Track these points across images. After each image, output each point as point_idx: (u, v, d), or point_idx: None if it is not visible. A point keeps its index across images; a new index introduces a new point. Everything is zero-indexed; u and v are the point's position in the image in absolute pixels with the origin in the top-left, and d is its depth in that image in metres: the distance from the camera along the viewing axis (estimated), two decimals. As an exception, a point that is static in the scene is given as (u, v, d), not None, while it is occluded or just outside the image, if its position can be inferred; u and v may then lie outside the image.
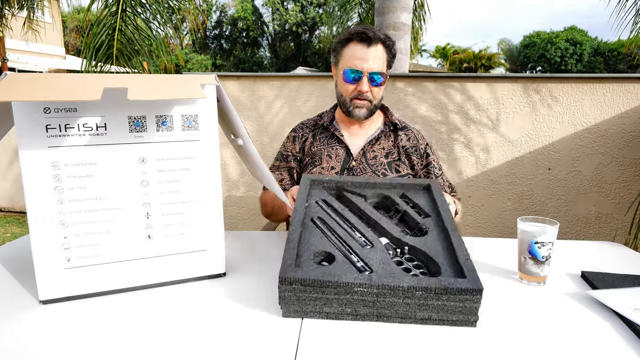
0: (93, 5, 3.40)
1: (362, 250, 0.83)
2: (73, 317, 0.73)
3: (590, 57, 22.85)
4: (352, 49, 1.26)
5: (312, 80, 2.76)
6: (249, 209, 2.93)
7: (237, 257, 1.00)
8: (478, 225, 2.75)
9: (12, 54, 9.38)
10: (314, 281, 0.71)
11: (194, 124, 0.81)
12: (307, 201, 0.99)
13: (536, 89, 2.57)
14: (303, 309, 0.72)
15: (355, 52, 1.25)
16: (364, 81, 1.26)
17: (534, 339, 0.68)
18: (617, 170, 2.57)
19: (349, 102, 1.30)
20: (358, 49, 1.25)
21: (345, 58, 1.28)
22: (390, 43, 1.29)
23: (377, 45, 1.25)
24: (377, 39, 1.25)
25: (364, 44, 1.25)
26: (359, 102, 1.29)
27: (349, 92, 1.29)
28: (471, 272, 0.73)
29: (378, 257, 0.80)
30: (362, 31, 1.25)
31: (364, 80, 1.26)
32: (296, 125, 1.45)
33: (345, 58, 1.28)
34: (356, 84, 1.27)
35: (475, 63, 23.72)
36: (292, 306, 0.72)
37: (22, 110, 0.70)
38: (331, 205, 0.99)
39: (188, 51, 21.35)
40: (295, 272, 0.72)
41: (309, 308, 0.72)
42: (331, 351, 0.64)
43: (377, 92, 1.30)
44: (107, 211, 0.78)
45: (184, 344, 0.65)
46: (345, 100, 1.31)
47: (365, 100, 1.29)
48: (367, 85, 1.26)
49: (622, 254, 1.11)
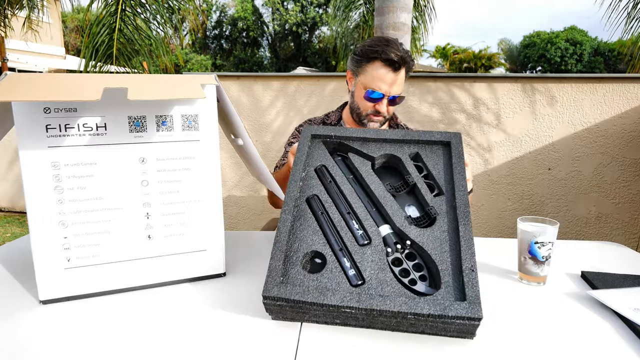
0: (93, 5, 3.40)
1: (357, 250, 0.77)
2: (73, 317, 0.73)
3: (590, 57, 22.85)
4: (377, 70, 1.27)
5: (312, 80, 2.76)
6: (249, 209, 2.93)
7: (237, 257, 1.00)
8: (478, 225, 2.75)
9: (12, 54, 9.38)
10: (298, 302, 0.69)
11: (194, 124, 0.81)
12: (304, 169, 0.88)
13: (536, 89, 2.57)
14: (290, 317, 0.72)
15: (380, 75, 1.26)
16: (384, 103, 1.29)
17: (534, 339, 0.68)
18: (617, 170, 2.57)
19: (365, 116, 1.34)
20: (384, 72, 1.26)
21: (369, 77, 1.29)
22: (412, 63, 1.31)
23: (402, 69, 1.28)
24: (403, 62, 1.26)
25: (390, 68, 1.26)
26: (375, 117, 1.33)
27: (367, 108, 1.32)
28: (473, 292, 0.67)
29: (374, 260, 0.75)
30: (391, 57, 1.24)
31: (384, 102, 1.29)
32: (303, 122, 1.47)
33: (368, 76, 1.29)
34: (375, 102, 1.30)
35: (475, 63, 23.73)
36: (280, 315, 0.72)
37: (22, 110, 0.70)
38: (332, 176, 0.87)
39: (188, 51, 21.36)
40: (279, 288, 0.70)
41: (298, 317, 0.72)
42: (331, 351, 0.64)
43: (392, 110, 1.35)
44: (107, 211, 0.78)
45: (184, 344, 0.65)
46: (361, 113, 1.34)
47: (380, 117, 1.33)
48: (386, 107, 1.30)
49: (622, 254, 1.11)
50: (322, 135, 0.93)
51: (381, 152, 0.90)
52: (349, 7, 6.26)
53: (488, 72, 17.97)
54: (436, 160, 0.89)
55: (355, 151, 0.91)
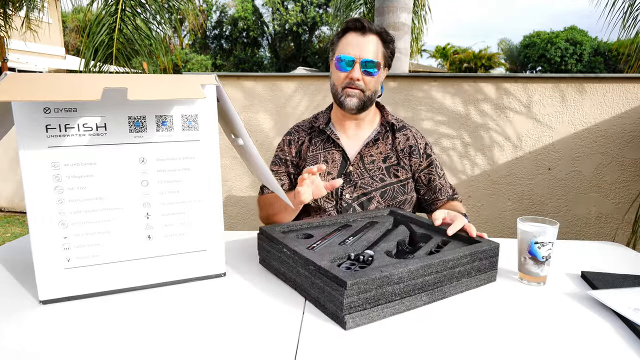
0: (93, 5, 3.40)
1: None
2: (73, 317, 0.73)
3: (590, 57, 22.85)
4: (346, 38, 1.26)
5: (312, 80, 2.76)
6: (249, 209, 2.93)
7: (237, 257, 1.00)
8: (478, 226, 2.75)
9: (12, 54, 9.37)
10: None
11: (194, 124, 0.81)
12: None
13: (536, 89, 2.57)
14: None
15: (349, 40, 1.25)
16: (356, 68, 1.23)
17: (534, 339, 0.68)
18: (617, 170, 2.57)
19: (341, 91, 1.26)
20: (352, 36, 1.25)
21: (340, 47, 1.27)
22: (388, 38, 1.28)
23: (371, 35, 1.24)
24: (372, 29, 1.24)
25: (358, 33, 1.24)
26: (351, 90, 1.25)
27: (341, 80, 1.26)
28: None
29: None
30: (357, 19, 1.24)
31: (356, 67, 1.23)
32: (291, 127, 1.41)
33: (339, 47, 1.27)
34: (348, 71, 1.24)
35: (475, 63, 23.73)
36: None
37: (22, 110, 0.70)
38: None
39: (188, 51, 21.36)
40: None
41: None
42: (330, 350, 0.64)
43: (370, 82, 1.25)
44: (107, 211, 0.78)
45: (184, 344, 0.65)
46: (337, 89, 1.27)
47: (357, 90, 1.25)
48: (359, 72, 1.23)
49: (622, 254, 1.11)
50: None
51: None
52: (349, 7, 6.27)
53: (488, 72, 17.97)
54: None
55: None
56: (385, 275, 0.71)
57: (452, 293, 0.82)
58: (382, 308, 0.72)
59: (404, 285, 0.73)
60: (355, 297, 0.68)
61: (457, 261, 0.80)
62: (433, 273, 0.77)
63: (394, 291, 0.72)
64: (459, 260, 0.81)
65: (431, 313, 0.75)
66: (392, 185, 1.29)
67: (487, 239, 0.93)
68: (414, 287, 0.75)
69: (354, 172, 1.29)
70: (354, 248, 0.88)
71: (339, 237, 0.96)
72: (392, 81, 2.63)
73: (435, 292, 0.79)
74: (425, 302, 0.78)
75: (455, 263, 0.80)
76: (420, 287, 0.76)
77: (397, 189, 1.29)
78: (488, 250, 0.87)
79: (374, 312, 0.71)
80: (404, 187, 1.30)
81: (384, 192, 1.28)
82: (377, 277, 0.70)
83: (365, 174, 1.29)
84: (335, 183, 1.06)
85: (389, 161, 1.31)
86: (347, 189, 1.28)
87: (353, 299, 0.68)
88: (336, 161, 1.31)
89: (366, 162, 1.30)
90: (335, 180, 1.07)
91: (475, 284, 0.86)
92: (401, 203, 1.29)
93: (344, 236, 0.96)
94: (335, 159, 1.31)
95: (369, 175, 1.29)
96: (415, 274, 0.75)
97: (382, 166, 1.30)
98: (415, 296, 0.76)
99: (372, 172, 1.29)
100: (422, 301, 0.77)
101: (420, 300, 0.77)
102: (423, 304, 0.77)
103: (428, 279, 0.77)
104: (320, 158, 1.32)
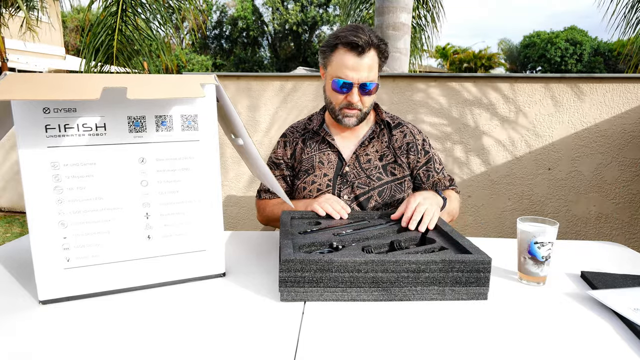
0: (93, 5, 3.40)
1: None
2: (73, 317, 0.73)
3: (590, 57, 22.86)
4: (341, 57, 1.18)
5: (312, 80, 2.76)
6: (249, 209, 2.93)
7: (237, 257, 1.00)
8: (478, 226, 2.75)
9: (12, 54, 9.38)
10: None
11: (193, 124, 0.81)
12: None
13: (536, 89, 2.57)
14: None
15: (345, 61, 1.17)
16: (354, 92, 1.19)
17: (534, 339, 0.67)
18: (617, 170, 2.57)
19: (339, 111, 1.25)
20: (348, 58, 1.17)
21: (335, 66, 1.20)
22: (384, 46, 1.21)
23: (369, 53, 1.17)
24: (369, 44, 1.17)
25: (353, 53, 1.16)
26: (349, 111, 1.23)
27: (339, 102, 1.23)
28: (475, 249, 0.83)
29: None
30: (351, 40, 1.15)
31: (354, 91, 1.19)
32: (286, 129, 1.40)
33: (334, 66, 1.20)
34: (346, 94, 1.21)
35: (475, 63, 23.73)
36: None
37: (21, 110, 0.70)
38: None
39: (188, 51, 21.36)
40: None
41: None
42: (330, 350, 0.64)
43: (367, 100, 1.24)
44: (107, 211, 0.78)
45: (184, 344, 0.65)
46: (335, 108, 1.25)
47: (355, 110, 1.23)
48: (357, 96, 1.20)
49: (622, 254, 1.11)
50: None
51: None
52: (358, 6, 6.23)
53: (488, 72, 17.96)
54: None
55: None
56: (325, 260, 0.76)
57: (425, 298, 0.79)
58: (320, 291, 0.78)
59: (349, 275, 0.77)
60: (290, 273, 0.77)
61: (419, 265, 0.78)
62: (388, 271, 0.77)
63: (336, 278, 0.77)
64: (424, 264, 0.78)
65: (430, 313, 0.76)
66: (389, 183, 1.29)
67: (479, 250, 0.84)
68: (364, 280, 0.78)
69: (350, 172, 1.29)
70: (345, 240, 0.92)
71: (340, 228, 1.01)
72: (393, 81, 2.63)
73: (393, 290, 0.78)
74: (378, 298, 0.79)
75: (418, 267, 0.78)
76: (371, 282, 0.78)
77: (395, 187, 1.29)
78: (469, 263, 0.78)
79: (310, 293, 0.78)
80: (401, 184, 1.30)
81: (381, 191, 1.28)
82: (315, 260, 0.76)
83: (361, 174, 1.28)
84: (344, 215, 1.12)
85: (385, 159, 1.31)
86: (344, 189, 1.28)
87: (289, 274, 0.77)
88: (332, 162, 1.30)
89: (362, 162, 1.30)
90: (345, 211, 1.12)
91: (455, 296, 0.80)
92: (399, 201, 1.29)
93: (345, 229, 1.00)
94: (330, 159, 1.31)
95: (365, 174, 1.28)
96: (361, 268, 0.77)
97: (379, 164, 1.30)
98: (363, 289, 0.78)
99: (368, 171, 1.29)
100: (373, 296, 0.78)
101: (370, 294, 0.78)
102: (374, 299, 0.79)
103: (381, 276, 0.78)
104: (316, 159, 1.31)
